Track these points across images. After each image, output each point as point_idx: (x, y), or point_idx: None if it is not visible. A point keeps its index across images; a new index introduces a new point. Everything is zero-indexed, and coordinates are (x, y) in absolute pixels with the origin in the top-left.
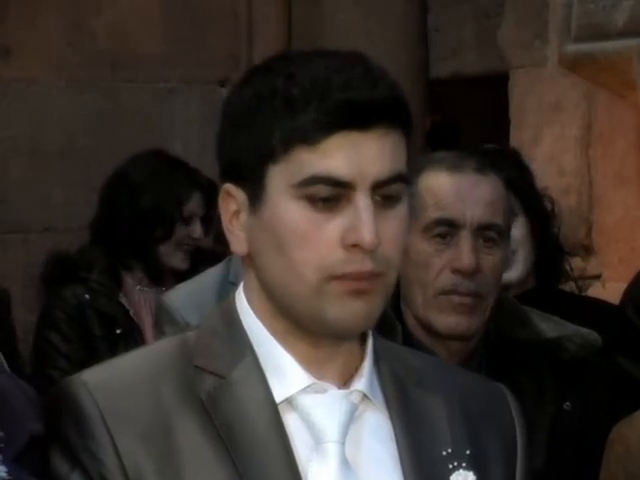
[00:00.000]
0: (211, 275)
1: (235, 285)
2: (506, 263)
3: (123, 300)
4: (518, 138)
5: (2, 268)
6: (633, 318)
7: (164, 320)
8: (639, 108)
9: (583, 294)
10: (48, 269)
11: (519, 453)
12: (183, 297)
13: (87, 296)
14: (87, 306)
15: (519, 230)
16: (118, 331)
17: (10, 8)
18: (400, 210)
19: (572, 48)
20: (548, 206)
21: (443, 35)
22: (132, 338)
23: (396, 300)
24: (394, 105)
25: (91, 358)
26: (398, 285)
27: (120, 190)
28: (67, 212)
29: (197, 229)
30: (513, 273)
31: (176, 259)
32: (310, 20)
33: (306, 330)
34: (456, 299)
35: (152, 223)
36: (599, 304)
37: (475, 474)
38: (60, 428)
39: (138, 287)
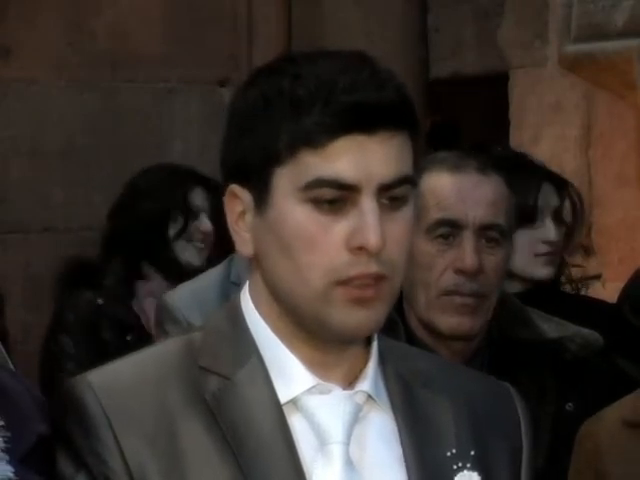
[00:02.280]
0: (213, 274)
1: (236, 285)
2: (508, 262)
3: (136, 308)
4: (518, 138)
5: (2, 268)
6: (630, 318)
7: (166, 319)
8: (639, 108)
9: (582, 294)
10: (65, 272)
11: (525, 454)
12: (185, 296)
13: (100, 301)
14: (99, 311)
15: (561, 236)
16: (129, 338)
17: (10, 8)
18: (406, 212)
19: (572, 48)
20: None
21: (443, 35)
22: (142, 346)
23: (399, 300)
24: (400, 107)
25: (100, 363)
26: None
27: (127, 200)
28: (67, 212)
29: (205, 223)
30: (545, 272)
31: (189, 254)
32: (310, 20)
33: (311, 333)
34: (458, 299)
35: (163, 223)
36: (599, 304)
37: (480, 475)
38: (65, 429)
39: (151, 298)
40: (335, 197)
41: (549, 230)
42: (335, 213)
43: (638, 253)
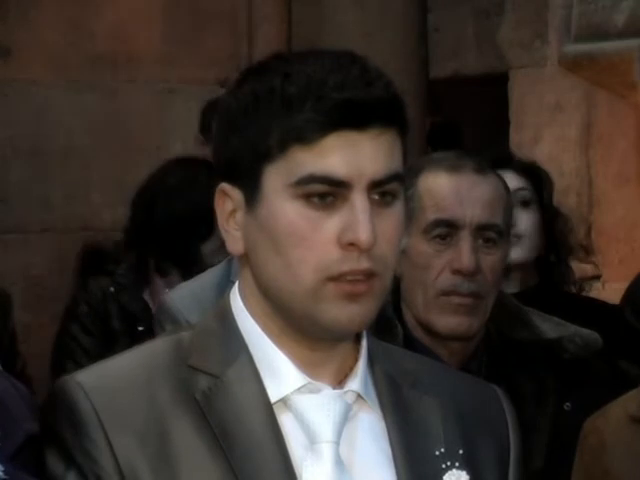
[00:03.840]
0: (213, 275)
1: None
2: (506, 262)
3: (147, 298)
4: (518, 138)
5: (2, 268)
6: (631, 321)
7: (165, 319)
8: (639, 108)
9: (580, 294)
10: (79, 261)
11: (512, 453)
12: (184, 296)
13: (112, 289)
14: (110, 300)
15: (530, 218)
16: (140, 328)
17: (10, 8)
18: (396, 209)
19: (572, 48)
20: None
21: (443, 35)
22: (154, 337)
23: (397, 301)
24: (390, 104)
25: (111, 353)
26: (399, 286)
27: (157, 194)
28: (67, 212)
29: None
30: (514, 254)
31: (219, 254)
32: (310, 20)
33: (301, 331)
34: (456, 300)
35: (193, 222)
36: (599, 304)
37: (468, 474)
38: (56, 428)
39: (167, 290)
40: (326, 193)
41: None
42: (326, 209)
43: (638, 253)
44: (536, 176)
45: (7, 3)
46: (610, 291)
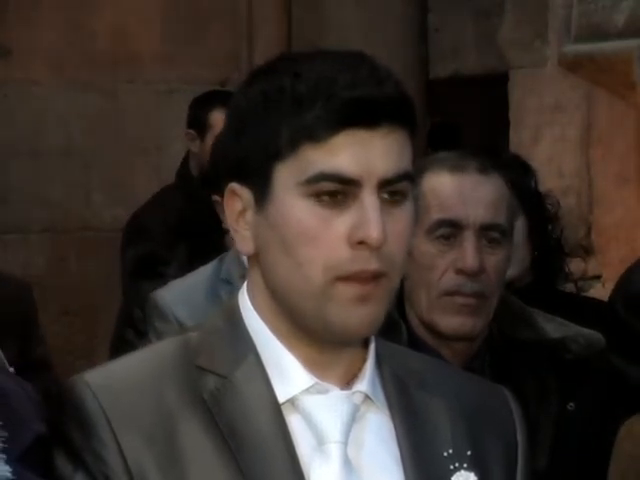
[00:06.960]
0: (203, 272)
1: (226, 282)
2: (509, 262)
3: None
4: (518, 138)
5: (2, 268)
6: (622, 314)
7: (155, 315)
8: (639, 108)
9: (583, 294)
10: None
11: (520, 454)
12: (174, 293)
13: None
14: None
15: (518, 231)
16: None
17: (10, 8)
18: (406, 208)
19: (572, 48)
20: (552, 208)
21: (443, 35)
22: None
23: (400, 301)
24: (400, 104)
25: None
26: (402, 286)
27: (203, 189)
28: (67, 212)
29: None
30: (509, 272)
31: None
32: (310, 20)
33: (310, 333)
34: (460, 300)
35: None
36: (597, 304)
37: (476, 475)
38: (64, 429)
39: None
40: (336, 191)
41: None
42: (336, 208)
43: (638, 253)
44: (519, 186)
45: (7, 3)
46: (610, 291)
